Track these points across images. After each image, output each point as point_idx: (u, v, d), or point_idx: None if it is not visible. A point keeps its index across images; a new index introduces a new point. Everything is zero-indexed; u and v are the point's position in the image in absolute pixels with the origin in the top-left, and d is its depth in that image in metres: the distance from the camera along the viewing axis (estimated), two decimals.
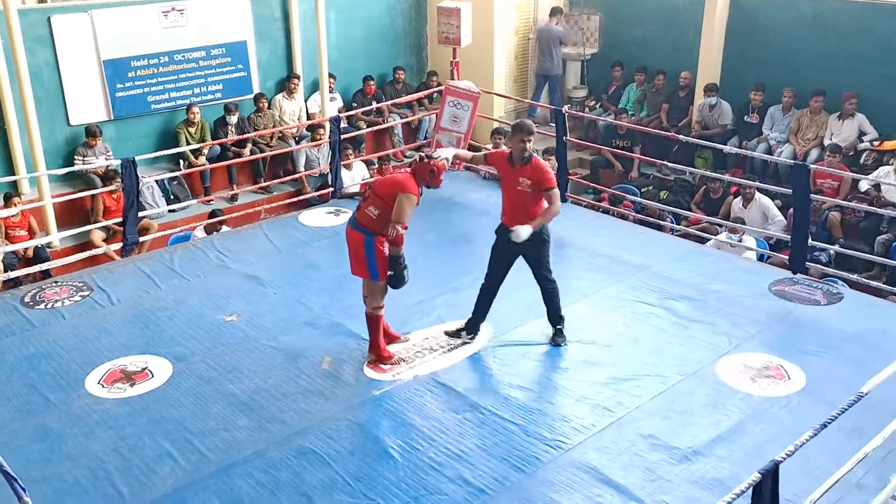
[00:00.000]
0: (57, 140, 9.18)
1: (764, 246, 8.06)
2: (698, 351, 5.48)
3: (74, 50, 9.11)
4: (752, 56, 10.21)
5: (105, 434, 4.71)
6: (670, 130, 9.88)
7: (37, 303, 6.30)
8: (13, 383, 5.23)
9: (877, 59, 9.19)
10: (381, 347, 5.34)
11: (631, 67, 11.31)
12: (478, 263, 6.84)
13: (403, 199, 4.92)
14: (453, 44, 9.18)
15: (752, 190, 8.33)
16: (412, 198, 4.95)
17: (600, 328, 5.80)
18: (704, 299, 6.17)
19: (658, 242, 7.36)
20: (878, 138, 9.04)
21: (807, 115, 9.53)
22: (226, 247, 7.27)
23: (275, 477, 4.34)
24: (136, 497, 4.21)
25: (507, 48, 11.82)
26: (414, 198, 4.96)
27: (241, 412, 4.89)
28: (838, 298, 6.19)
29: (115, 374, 5.31)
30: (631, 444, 4.56)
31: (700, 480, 4.25)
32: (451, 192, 8.60)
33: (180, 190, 9.63)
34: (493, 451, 4.53)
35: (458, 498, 4.17)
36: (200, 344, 5.66)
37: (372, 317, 5.27)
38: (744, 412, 4.82)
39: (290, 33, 10.53)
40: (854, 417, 4.43)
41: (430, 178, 5.11)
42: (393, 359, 5.34)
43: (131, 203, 7.14)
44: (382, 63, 11.56)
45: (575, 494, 4.18)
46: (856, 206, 7.45)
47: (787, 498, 3.40)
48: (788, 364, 5.28)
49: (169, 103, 9.86)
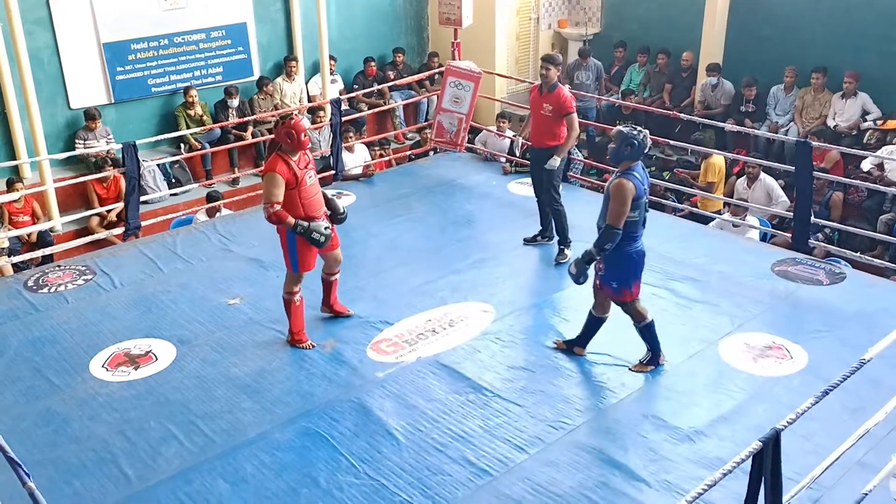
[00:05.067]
0: (58, 124, 9.17)
1: (767, 226, 8.04)
2: (701, 331, 5.49)
3: (74, 33, 9.07)
4: (754, 35, 10.14)
5: (110, 417, 4.74)
6: (672, 111, 9.83)
7: (40, 287, 6.31)
8: (18, 367, 5.26)
9: (881, 35, 9.11)
10: (294, 331, 5.40)
11: (633, 47, 11.24)
12: (479, 246, 6.88)
13: (266, 181, 5.01)
14: (454, 24, 9.12)
15: (756, 170, 8.30)
16: (272, 176, 4.96)
17: None
18: (707, 280, 6.17)
19: (660, 222, 7.33)
20: (881, 117, 8.99)
21: (810, 94, 9.47)
22: (228, 230, 7.27)
23: (279, 458, 4.36)
24: (142, 479, 4.24)
25: (508, 28, 11.75)
26: (275, 175, 4.95)
27: (245, 394, 4.91)
28: (841, 278, 6.18)
29: (119, 358, 5.33)
30: (633, 424, 4.58)
31: (702, 460, 4.26)
32: (452, 174, 8.59)
33: (181, 173, 9.62)
34: (497, 432, 4.55)
35: (462, 479, 4.19)
36: (204, 327, 5.68)
37: (286, 301, 5.35)
38: (746, 392, 4.83)
39: (290, 15, 10.48)
40: (857, 396, 4.47)
41: (292, 142, 5.00)
42: (305, 343, 5.38)
43: (133, 187, 7.13)
44: (383, 44, 11.51)
45: (578, 475, 4.20)
46: (859, 183, 7.43)
47: (789, 476, 3.41)
48: (791, 344, 5.28)
49: (169, 86, 9.83)
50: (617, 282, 4.83)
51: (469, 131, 8.64)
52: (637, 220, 4.68)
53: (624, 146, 4.61)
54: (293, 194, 5.03)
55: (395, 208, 7.71)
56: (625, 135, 4.63)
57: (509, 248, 6.82)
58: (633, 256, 4.78)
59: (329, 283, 5.62)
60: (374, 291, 6.08)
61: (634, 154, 4.63)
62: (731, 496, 3.82)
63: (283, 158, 5.01)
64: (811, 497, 3.88)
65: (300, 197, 5.06)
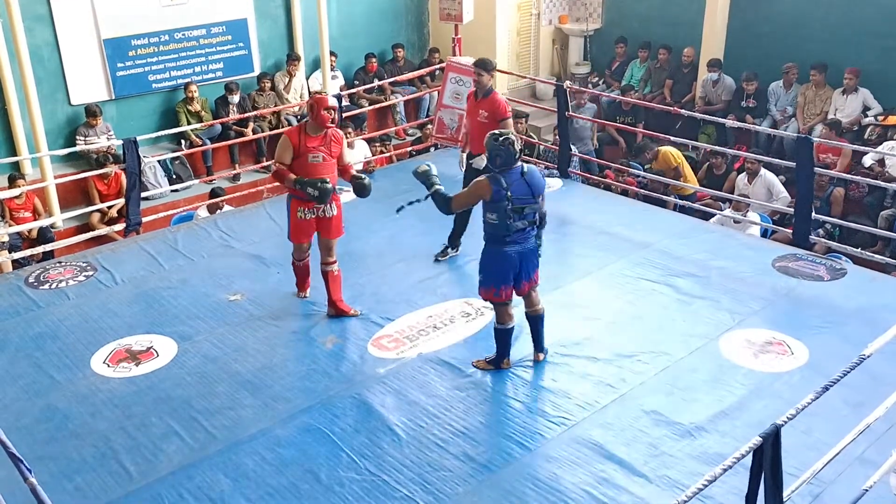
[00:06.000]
0: (59, 120, 9.17)
1: (767, 222, 8.04)
2: (701, 327, 5.49)
3: (74, 29, 9.07)
4: (755, 31, 10.13)
5: (111, 413, 4.75)
6: (673, 107, 9.81)
7: (41, 283, 6.32)
8: (19, 363, 5.26)
9: (882, 31, 9.10)
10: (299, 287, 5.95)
11: (634, 43, 11.22)
12: (480, 242, 6.84)
13: (279, 143, 5.41)
14: (455, 20, 9.12)
15: (756, 165, 8.29)
16: (283, 139, 5.39)
17: (603, 305, 5.81)
18: (707, 275, 6.17)
19: (661, 219, 7.35)
20: (882, 113, 8.99)
21: (811, 90, 9.47)
22: (229, 226, 7.27)
23: (281, 455, 4.37)
24: (144, 475, 4.24)
25: (509, 24, 11.73)
26: (285, 139, 5.37)
27: (247, 391, 4.92)
28: (842, 274, 6.18)
29: (121, 354, 5.33)
30: (634, 420, 4.58)
31: (703, 455, 4.27)
32: (453, 170, 8.56)
33: (182, 169, 9.62)
34: (497, 427, 4.56)
35: (463, 474, 4.20)
36: (205, 323, 5.68)
37: (292, 264, 5.86)
38: (747, 388, 4.83)
39: (291, 11, 10.47)
40: (857, 392, 4.46)
41: (312, 114, 5.33)
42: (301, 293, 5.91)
43: (133, 183, 7.13)
44: (384, 40, 11.49)
45: (578, 470, 4.21)
46: (860, 179, 7.43)
47: (790, 472, 3.41)
48: (791, 340, 5.29)
49: (170, 82, 9.83)
50: (481, 276, 4.89)
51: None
52: (496, 222, 4.69)
53: (494, 156, 4.66)
54: (294, 165, 5.33)
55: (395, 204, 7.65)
56: (492, 146, 4.66)
57: None
58: (496, 257, 4.78)
59: (326, 275, 5.62)
60: (375, 288, 6.08)
61: (507, 161, 4.64)
62: (732, 492, 3.83)
63: (300, 129, 5.37)
64: (812, 492, 3.88)
65: (299, 170, 5.32)
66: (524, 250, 4.78)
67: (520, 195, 4.65)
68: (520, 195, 4.65)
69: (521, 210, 4.67)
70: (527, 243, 4.77)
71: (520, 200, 4.65)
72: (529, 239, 4.78)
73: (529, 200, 4.68)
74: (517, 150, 4.66)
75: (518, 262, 4.78)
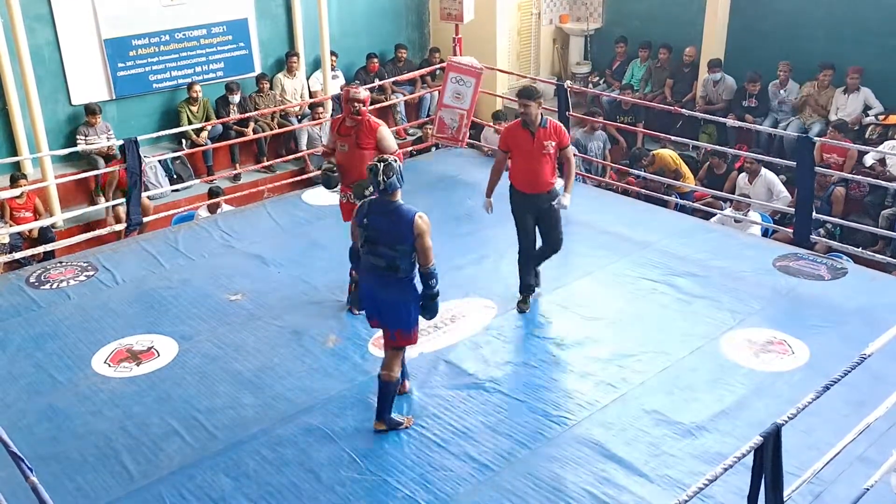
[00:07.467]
0: (59, 120, 9.17)
1: (768, 221, 8.03)
2: (702, 327, 5.49)
3: (75, 29, 9.06)
4: (756, 30, 10.12)
5: (112, 413, 4.75)
6: (674, 106, 9.81)
7: (42, 283, 6.32)
8: (20, 363, 5.27)
9: (883, 30, 9.09)
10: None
11: (635, 43, 11.22)
12: (480, 242, 6.87)
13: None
14: (455, 20, 9.11)
15: (757, 165, 8.29)
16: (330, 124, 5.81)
17: (604, 305, 5.81)
18: (708, 275, 6.17)
19: (662, 219, 7.35)
20: (883, 112, 8.98)
21: (814, 89, 9.46)
22: (230, 226, 7.27)
23: (281, 454, 4.37)
24: (144, 475, 4.25)
25: (509, 24, 11.72)
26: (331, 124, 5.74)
27: (247, 390, 4.92)
28: (842, 273, 6.18)
29: (122, 354, 5.34)
30: (635, 419, 4.58)
31: (703, 455, 4.27)
32: (453, 170, 8.58)
33: (183, 169, 9.62)
34: (498, 427, 4.56)
35: (464, 474, 4.20)
36: (206, 323, 5.68)
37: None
38: (747, 387, 4.83)
39: (292, 10, 10.46)
40: (858, 391, 4.46)
41: (342, 107, 5.53)
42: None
43: (134, 182, 7.14)
44: (384, 40, 11.48)
45: (579, 470, 4.21)
46: (861, 178, 7.42)
47: (790, 471, 3.41)
48: (792, 339, 5.29)
49: (170, 82, 9.83)
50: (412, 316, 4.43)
51: (470, 127, 8.63)
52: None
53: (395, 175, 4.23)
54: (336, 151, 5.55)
55: None
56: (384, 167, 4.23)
57: (511, 244, 6.79)
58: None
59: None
60: None
61: (377, 189, 4.26)
62: (733, 491, 3.83)
63: (340, 117, 5.59)
64: (812, 492, 3.88)
65: (336, 155, 5.52)
66: (377, 292, 4.32)
67: (376, 228, 4.23)
68: (376, 228, 4.23)
69: (375, 246, 4.23)
70: (384, 288, 4.28)
71: (375, 234, 4.23)
72: (389, 286, 4.27)
73: (385, 239, 4.21)
74: (382, 181, 4.20)
75: (371, 299, 4.39)
